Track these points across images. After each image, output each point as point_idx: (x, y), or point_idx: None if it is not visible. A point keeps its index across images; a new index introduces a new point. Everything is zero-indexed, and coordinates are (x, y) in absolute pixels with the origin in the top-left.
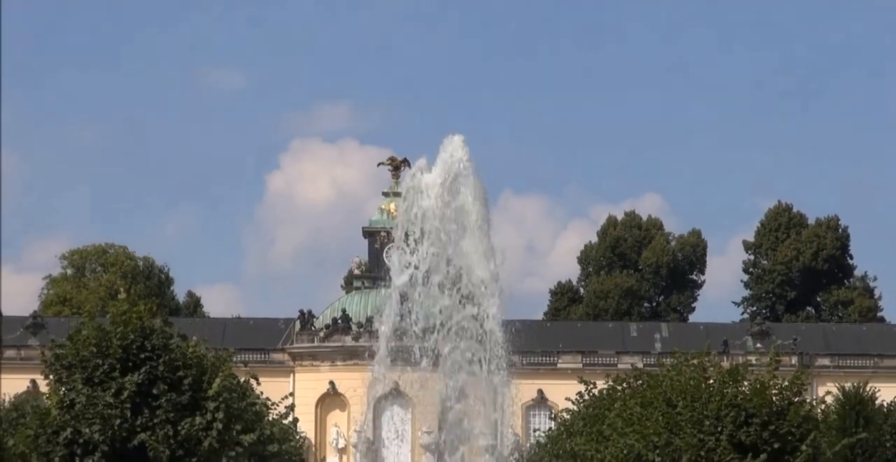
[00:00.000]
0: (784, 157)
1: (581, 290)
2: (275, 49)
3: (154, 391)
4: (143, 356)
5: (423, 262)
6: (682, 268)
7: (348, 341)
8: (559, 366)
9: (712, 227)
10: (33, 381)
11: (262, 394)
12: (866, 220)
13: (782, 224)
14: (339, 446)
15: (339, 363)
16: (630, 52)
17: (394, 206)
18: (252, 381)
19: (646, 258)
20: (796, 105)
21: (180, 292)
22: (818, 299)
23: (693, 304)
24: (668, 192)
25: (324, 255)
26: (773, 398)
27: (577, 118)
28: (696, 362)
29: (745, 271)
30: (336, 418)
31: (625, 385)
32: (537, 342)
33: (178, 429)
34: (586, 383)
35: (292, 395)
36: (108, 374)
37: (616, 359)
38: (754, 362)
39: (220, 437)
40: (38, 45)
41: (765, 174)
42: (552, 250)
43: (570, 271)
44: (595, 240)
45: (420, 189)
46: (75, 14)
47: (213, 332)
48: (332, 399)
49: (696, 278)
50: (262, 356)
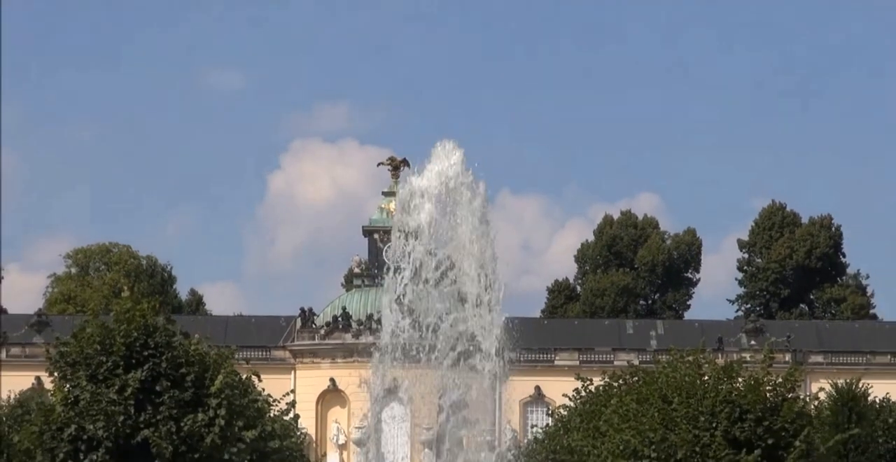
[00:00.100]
0: (778, 158)
1: (578, 288)
2: (275, 49)
3: (157, 388)
4: (146, 353)
5: (422, 260)
6: (678, 266)
7: (348, 339)
8: (556, 363)
9: (707, 225)
10: (38, 379)
11: (263, 391)
12: (859, 219)
13: (776, 223)
14: (340, 442)
15: (339, 360)
16: (627, 54)
17: (393, 206)
18: (254, 378)
19: (642, 256)
20: (791, 106)
21: (183, 291)
22: (811, 297)
23: (688, 302)
24: (663, 192)
25: (324, 254)
26: (767, 394)
27: (575, 119)
28: (691, 359)
29: (740, 269)
30: (336, 415)
31: (621, 382)
32: (535, 339)
33: (181, 425)
34: (583, 380)
35: (293, 391)
36: (112, 371)
37: (612, 356)
38: (749, 359)
39: (222, 433)
40: (39, 45)
41: (759, 174)
42: (549, 249)
43: (567, 270)
44: (592, 238)
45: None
46: (75, 14)
47: (215, 329)
48: (332, 396)
49: (691, 276)
50: (264, 353)
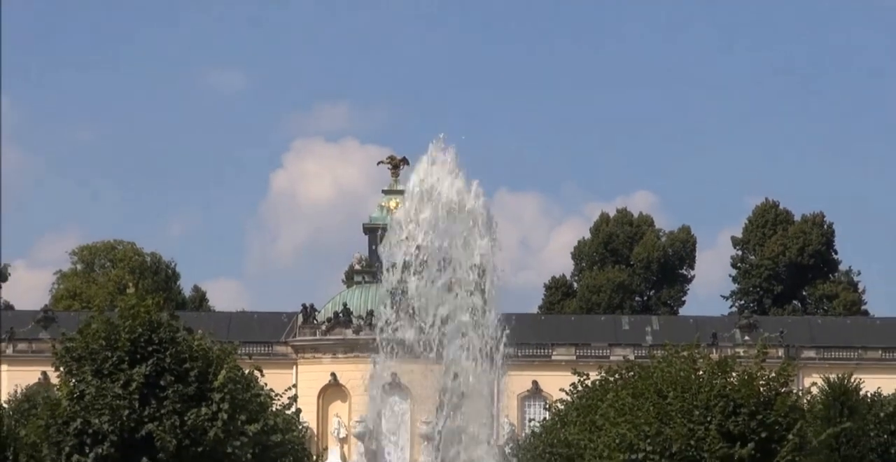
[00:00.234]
0: (771, 156)
1: (574, 285)
2: (276, 50)
3: (161, 383)
4: (150, 349)
5: (421, 257)
6: (673, 263)
7: (349, 334)
8: (553, 358)
9: (702, 223)
10: (44, 373)
11: (265, 385)
12: (851, 217)
13: (769, 220)
14: (341, 436)
15: (340, 355)
16: (624, 54)
17: (394, 204)
18: (256, 373)
19: (637, 253)
20: (785, 105)
21: (187, 287)
22: (804, 293)
23: (683, 298)
24: (658, 190)
25: (325, 251)
26: (761, 389)
27: (572, 118)
28: (685, 354)
29: (734, 266)
30: (337, 409)
31: (617, 376)
32: (532, 335)
33: (185, 419)
34: (580, 375)
35: (295, 386)
36: (117, 366)
37: (608, 351)
38: (742, 354)
39: (225, 427)
40: (42, 44)
41: (753, 172)
42: (547, 246)
43: (564, 266)
44: (588, 236)
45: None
46: (77, 14)
47: (218, 325)
48: (333, 390)
49: (685, 273)
50: (266, 349)
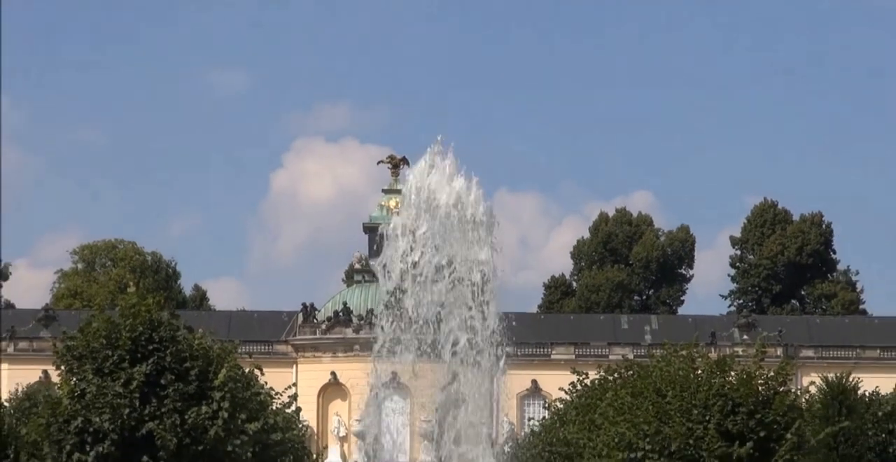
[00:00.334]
0: (770, 156)
1: (574, 284)
2: (276, 50)
3: (162, 381)
4: (151, 348)
5: (421, 254)
6: (672, 262)
7: (349, 333)
8: (553, 357)
9: (700, 223)
10: (45, 372)
11: (266, 384)
12: (849, 217)
13: (768, 220)
14: (341, 435)
15: (340, 354)
16: (623, 54)
17: (394, 203)
18: (256, 372)
19: (636, 253)
20: (783, 106)
21: (187, 286)
22: (802, 293)
23: (682, 298)
24: (657, 190)
25: (326, 251)
26: (759, 388)
27: (571, 118)
28: (684, 353)
29: (732, 265)
30: (337, 407)
31: (616, 375)
32: (531, 334)
33: (185, 418)
34: (579, 374)
35: (295, 385)
36: (118, 364)
37: (607, 350)
38: (741, 353)
39: (225, 425)
40: (43, 44)
41: (751, 172)
42: (546, 245)
43: (564, 266)
44: (587, 235)
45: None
46: (78, 15)
47: (218, 324)
48: (333, 389)
49: (684, 272)
50: (266, 348)
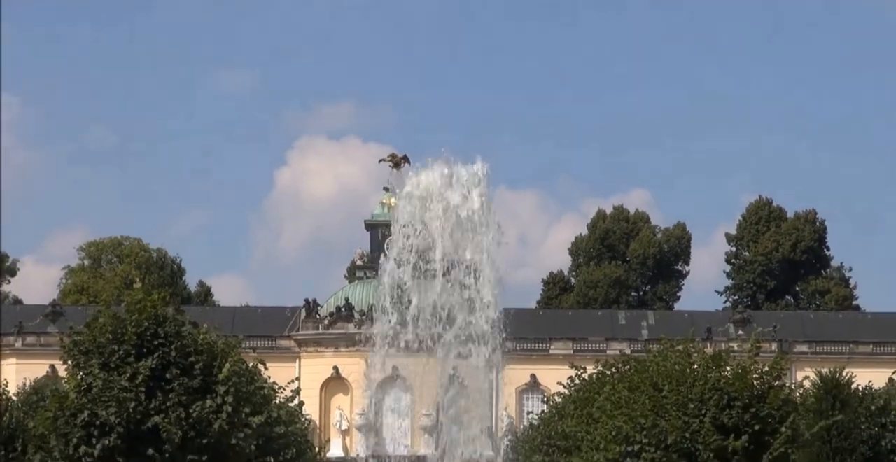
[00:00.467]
0: (765, 155)
1: (572, 280)
2: (280, 50)
3: (167, 376)
4: (156, 343)
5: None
6: (668, 259)
7: (351, 328)
8: (551, 352)
9: (696, 220)
10: (52, 367)
11: (269, 378)
12: (842, 214)
13: (763, 217)
14: (343, 428)
15: (342, 349)
16: (621, 53)
17: (394, 201)
18: (260, 367)
19: (633, 250)
20: (778, 105)
21: (192, 282)
22: (797, 289)
23: (678, 294)
24: (654, 188)
25: (328, 247)
26: (754, 382)
27: (570, 117)
28: (681, 348)
29: (728, 262)
30: (339, 401)
31: (613, 370)
32: (530, 329)
33: (190, 411)
34: (577, 368)
35: (298, 379)
36: (124, 359)
37: (605, 345)
38: (736, 348)
39: (229, 419)
40: (51, 43)
41: (747, 171)
42: (545, 242)
43: (562, 262)
44: (585, 232)
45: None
46: (88, 15)
47: (222, 319)
48: (335, 383)
49: (681, 269)
50: (270, 343)
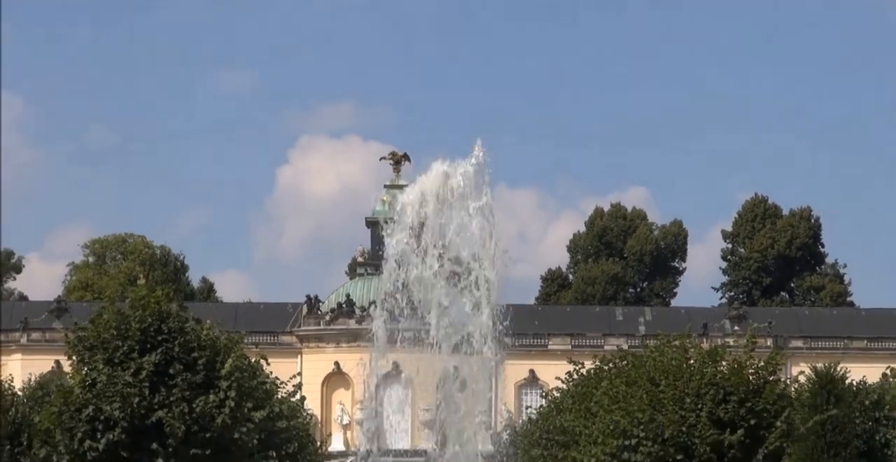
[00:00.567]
0: (761, 153)
1: (570, 277)
2: (282, 50)
3: (170, 371)
4: (160, 338)
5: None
6: (665, 256)
7: (352, 324)
8: (549, 347)
9: (693, 217)
10: (57, 362)
11: (271, 374)
12: (837, 211)
13: (758, 214)
14: (344, 423)
15: (343, 345)
16: (620, 53)
17: (395, 197)
18: (262, 362)
19: (631, 246)
20: (774, 103)
21: (195, 279)
22: (792, 285)
23: (675, 290)
24: (651, 186)
25: (329, 244)
26: (750, 377)
27: (569, 116)
28: (677, 344)
29: (724, 259)
30: (340, 396)
31: (611, 365)
32: (529, 325)
33: (193, 406)
34: (575, 363)
35: (300, 374)
36: (128, 354)
37: (603, 341)
38: (732, 344)
39: (232, 413)
40: (53, 42)
41: (743, 169)
42: (543, 239)
43: (560, 259)
44: (583, 229)
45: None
46: (89, 14)
47: (225, 315)
48: (337, 378)
49: (677, 265)
50: (272, 338)
